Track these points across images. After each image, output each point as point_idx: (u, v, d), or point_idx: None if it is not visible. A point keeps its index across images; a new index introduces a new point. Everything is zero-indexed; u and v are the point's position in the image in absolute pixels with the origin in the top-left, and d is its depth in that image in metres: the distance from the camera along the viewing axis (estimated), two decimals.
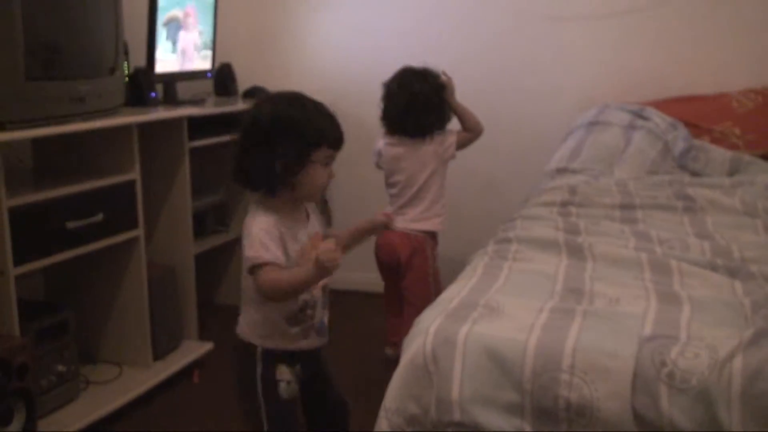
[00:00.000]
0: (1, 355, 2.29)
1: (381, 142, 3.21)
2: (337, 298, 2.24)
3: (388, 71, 3.18)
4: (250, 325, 1.99)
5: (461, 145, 3.17)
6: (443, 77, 3.16)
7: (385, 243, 3.16)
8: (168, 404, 2.95)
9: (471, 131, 3.18)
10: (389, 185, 3.20)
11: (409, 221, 3.13)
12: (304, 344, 2.00)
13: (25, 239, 2.42)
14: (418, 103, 3.08)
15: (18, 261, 2.39)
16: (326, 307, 2.05)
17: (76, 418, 2.63)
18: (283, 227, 1.91)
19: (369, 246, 3.29)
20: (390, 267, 3.19)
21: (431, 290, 3.05)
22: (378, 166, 3.23)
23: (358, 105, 3.77)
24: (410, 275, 3.13)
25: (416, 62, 3.16)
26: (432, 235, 3.18)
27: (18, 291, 2.40)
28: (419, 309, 3.00)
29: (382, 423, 1.67)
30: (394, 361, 1.78)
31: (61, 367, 2.68)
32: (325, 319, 2.06)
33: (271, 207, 1.92)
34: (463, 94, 3.21)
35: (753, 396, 1.39)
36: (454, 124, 3.21)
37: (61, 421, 2.60)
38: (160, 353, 3.11)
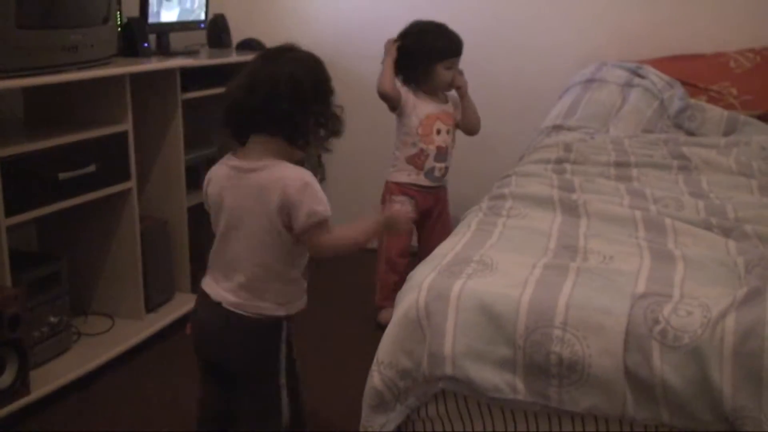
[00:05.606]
0: None
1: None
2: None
3: (386, 24, 3.14)
4: (278, 300, 1.87)
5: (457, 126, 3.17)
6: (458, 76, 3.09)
7: None
8: (160, 357, 2.96)
9: (467, 131, 3.19)
10: None
11: None
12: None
13: (16, 190, 2.40)
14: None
15: (9, 212, 2.38)
16: None
17: (68, 370, 2.63)
18: None
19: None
20: None
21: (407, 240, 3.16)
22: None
23: (354, 58, 3.74)
24: None
25: (415, 16, 3.10)
26: None
27: (10, 242, 2.40)
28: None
29: (374, 376, 1.68)
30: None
31: (53, 319, 2.68)
32: None
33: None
34: None
35: (745, 355, 1.39)
36: None
37: (53, 373, 2.60)
38: (152, 305, 3.11)
